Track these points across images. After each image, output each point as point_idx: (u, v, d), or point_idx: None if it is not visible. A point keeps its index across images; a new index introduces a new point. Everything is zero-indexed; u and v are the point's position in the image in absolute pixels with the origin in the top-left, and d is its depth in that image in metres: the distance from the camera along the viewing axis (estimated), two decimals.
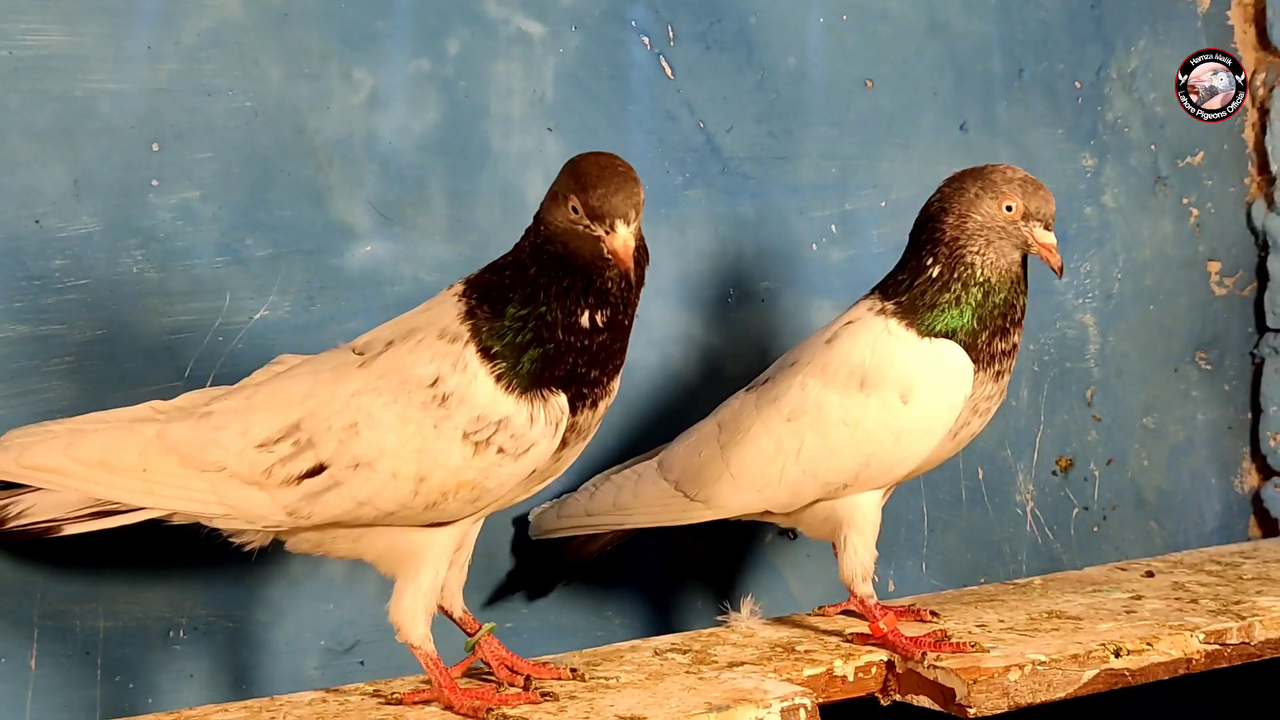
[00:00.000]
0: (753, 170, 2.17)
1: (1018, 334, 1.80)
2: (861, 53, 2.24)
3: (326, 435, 1.50)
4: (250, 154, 1.82)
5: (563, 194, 1.48)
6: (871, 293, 1.85)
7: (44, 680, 1.71)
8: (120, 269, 1.75)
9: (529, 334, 1.48)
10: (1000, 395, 1.82)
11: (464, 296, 1.53)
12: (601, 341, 1.50)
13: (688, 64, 2.11)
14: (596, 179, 1.46)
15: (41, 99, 1.71)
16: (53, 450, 1.52)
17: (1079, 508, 2.46)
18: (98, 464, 1.52)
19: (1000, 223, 1.77)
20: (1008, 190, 1.76)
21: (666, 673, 1.68)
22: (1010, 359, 1.80)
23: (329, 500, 1.50)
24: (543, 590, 2.04)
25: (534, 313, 1.48)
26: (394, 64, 1.91)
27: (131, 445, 1.53)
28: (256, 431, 1.52)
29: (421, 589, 1.54)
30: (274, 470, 1.51)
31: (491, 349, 1.49)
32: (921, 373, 1.74)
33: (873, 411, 1.75)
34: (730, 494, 1.82)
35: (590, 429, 1.56)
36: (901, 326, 1.77)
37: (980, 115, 2.35)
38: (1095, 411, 2.47)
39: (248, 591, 1.84)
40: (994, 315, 1.76)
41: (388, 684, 1.65)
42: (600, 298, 1.48)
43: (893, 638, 1.77)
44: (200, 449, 1.52)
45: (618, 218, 1.45)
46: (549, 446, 1.50)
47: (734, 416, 1.86)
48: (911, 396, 1.74)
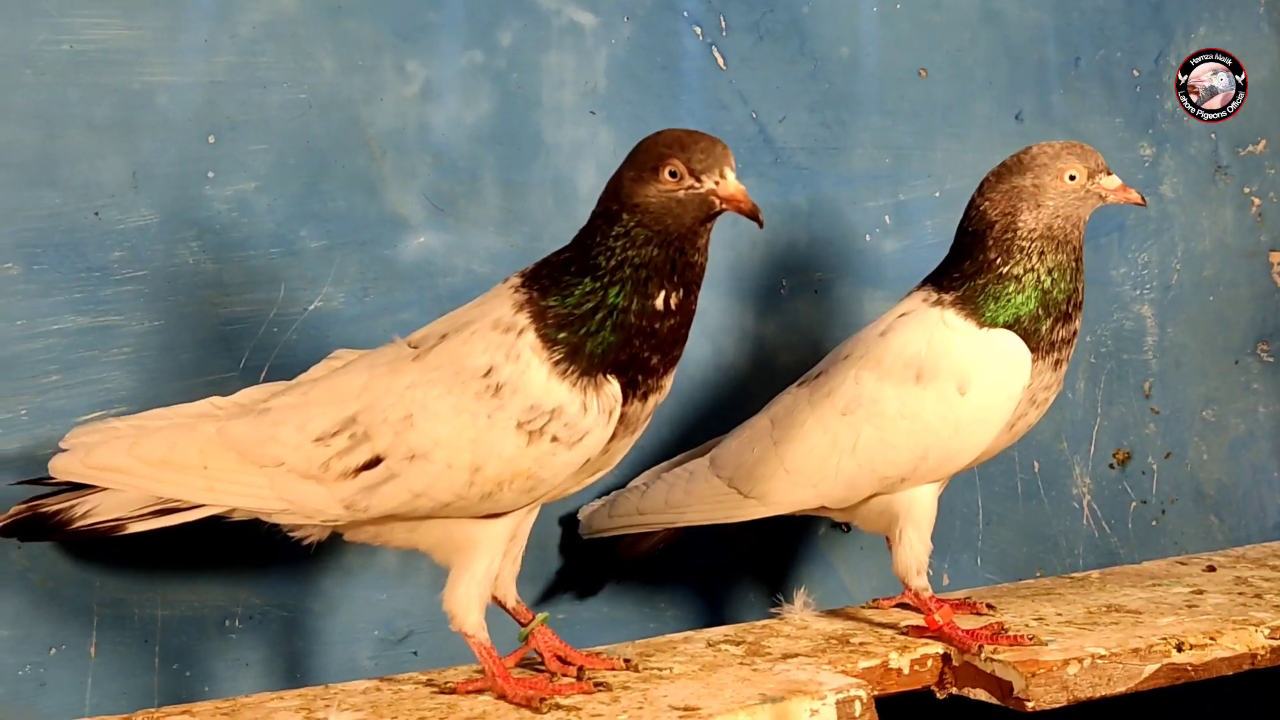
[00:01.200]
0: (806, 160, 2.15)
1: (1078, 319, 1.78)
2: (915, 42, 2.22)
3: (382, 428, 1.50)
4: (305, 146, 1.83)
5: (652, 166, 1.48)
6: (924, 284, 1.84)
7: (103, 668, 1.73)
8: (177, 260, 1.77)
9: (599, 315, 1.48)
10: (1058, 385, 1.80)
11: (521, 288, 1.53)
12: (671, 326, 1.49)
13: (740, 54, 2.10)
14: (690, 139, 1.48)
15: (100, 92, 1.72)
16: (117, 450, 1.54)
17: (1137, 501, 2.43)
18: (160, 462, 1.54)
19: (1073, 195, 1.75)
20: (1062, 163, 1.75)
21: (720, 664, 1.67)
22: (1069, 347, 1.77)
23: (385, 492, 1.51)
24: (593, 589, 2.03)
25: (606, 296, 1.48)
26: (447, 56, 1.91)
27: (193, 443, 1.54)
28: (313, 426, 1.52)
29: (476, 578, 1.54)
30: (331, 464, 1.51)
31: (554, 336, 1.48)
32: (979, 363, 1.73)
33: (930, 403, 1.73)
34: (785, 490, 1.81)
35: (640, 423, 1.56)
36: (959, 317, 1.75)
37: (1035, 104, 2.32)
38: (1153, 404, 2.44)
39: (302, 581, 1.85)
40: (1058, 301, 1.75)
41: (441, 673, 1.65)
42: (682, 276, 1.48)
43: (948, 630, 1.75)
44: (259, 445, 1.53)
45: (725, 166, 1.47)
46: (603, 435, 1.49)
47: (787, 412, 1.84)
48: (969, 387, 1.73)
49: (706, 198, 1.48)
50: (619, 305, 1.48)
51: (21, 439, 1.69)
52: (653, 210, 1.48)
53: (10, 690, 1.68)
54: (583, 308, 1.49)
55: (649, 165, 1.48)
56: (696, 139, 1.48)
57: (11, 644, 1.69)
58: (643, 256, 1.48)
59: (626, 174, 1.50)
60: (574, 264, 1.51)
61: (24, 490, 1.61)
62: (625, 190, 1.50)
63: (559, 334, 1.48)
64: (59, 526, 1.57)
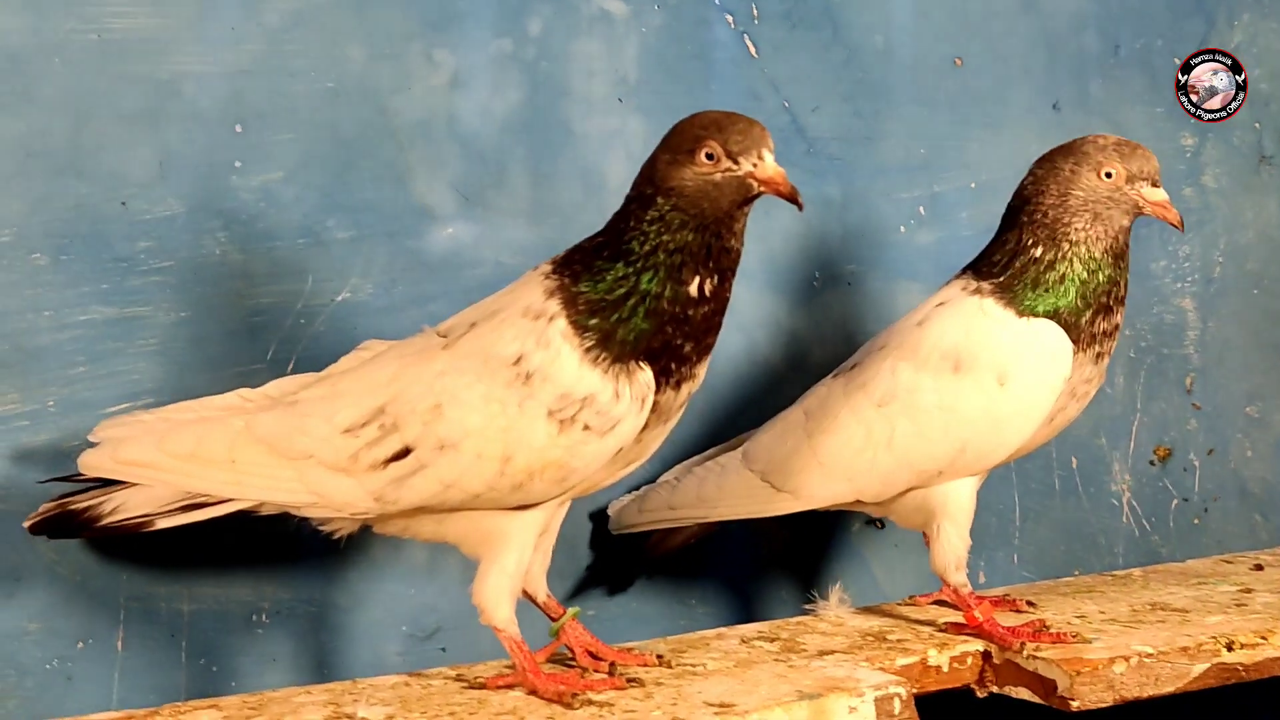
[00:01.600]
0: (839, 151, 2.12)
1: (1120, 313, 1.74)
2: (950, 30, 2.19)
3: (411, 417, 1.48)
4: (332, 135, 1.81)
5: (688, 148, 1.46)
6: (963, 273, 1.80)
7: (130, 662, 1.71)
8: (204, 251, 1.75)
9: (631, 301, 1.45)
10: (1099, 378, 1.76)
11: (552, 275, 1.50)
12: (705, 313, 1.47)
13: (772, 42, 2.06)
14: (727, 120, 1.46)
15: (128, 81, 1.71)
16: (145, 445, 1.53)
17: (1178, 499, 2.38)
18: (189, 456, 1.52)
19: (1104, 193, 1.71)
20: (1103, 158, 1.71)
21: (755, 660, 1.64)
22: (1111, 340, 1.74)
23: (415, 484, 1.48)
24: (623, 585, 2.01)
25: (639, 282, 1.45)
26: (475, 44, 1.89)
27: (221, 437, 1.53)
28: (342, 417, 1.50)
29: (506, 571, 1.51)
30: (360, 455, 1.49)
31: (585, 322, 1.46)
32: (1019, 354, 1.69)
33: (968, 395, 1.69)
34: (819, 484, 1.78)
35: (673, 412, 1.53)
36: (998, 306, 1.72)
37: (1074, 93, 2.28)
38: (1195, 399, 2.39)
39: (330, 576, 1.83)
40: (1098, 293, 1.71)
41: (470, 668, 1.63)
42: (718, 261, 1.46)
43: (989, 627, 1.72)
44: (287, 437, 1.51)
45: (763, 148, 1.45)
46: (635, 423, 1.46)
47: (821, 404, 1.81)
48: (1009, 379, 1.69)
49: (744, 180, 1.45)
50: (652, 291, 1.45)
51: (49, 431, 1.68)
52: (688, 194, 1.45)
53: (38, 683, 1.67)
54: (615, 293, 1.46)
55: (685, 147, 1.46)
56: (734, 120, 1.46)
57: (39, 637, 1.67)
58: (678, 241, 1.45)
59: (661, 157, 1.48)
60: (606, 249, 1.48)
61: (49, 485, 1.60)
62: (660, 173, 1.47)
63: (590, 320, 1.46)
64: (88, 523, 1.56)
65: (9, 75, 1.65)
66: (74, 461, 1.67)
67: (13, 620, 1.66)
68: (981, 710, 1.75)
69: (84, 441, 1.68)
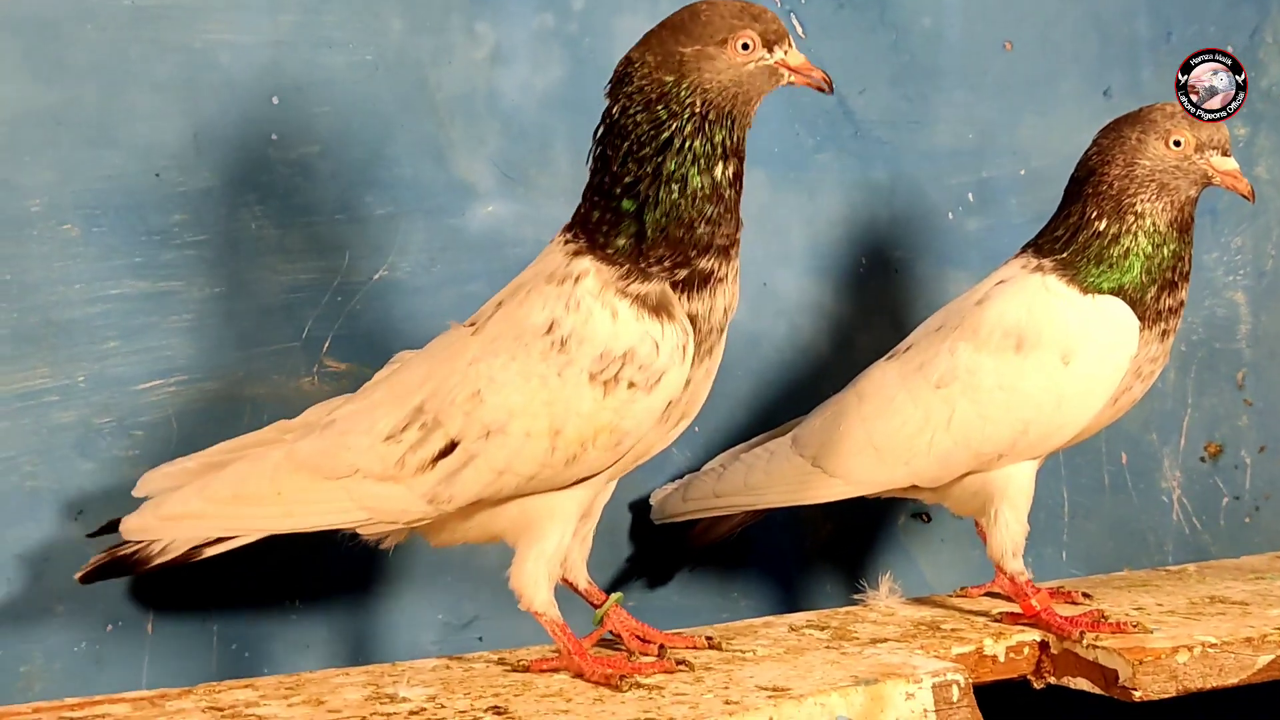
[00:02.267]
0: (886, 134, 2.07)
1: (1184, 289, 1.69)
2: (1000, 13, 2.14)
3: (451, 410, 1.43)
4: (370, 109, 1.77)
5: (722, 39, 1.42)
6: (1023, 251, 1.75)
7: (161, 645, 1.66)
8: (239, 225, 1.71)
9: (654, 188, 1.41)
10: (1164, 357, 1.70)
11: (567, 229, 1.46)
12: (730, 200, 1.42)
13: (820, 22, 2.02)
14: (757, 9, 1.44)
15: (162, 50, 1.67)
16: (187, 496, 1.50)
17: (1229, 497, 2.32)
18: (232, 499, 1.49)
19: (1172, 162, 1.66)
20: (1171, 125, 1.66)
21: (806, 647, 1.58)
22: (1176, 317, 1.68)
23: (467, 477, 1.43)
24: (665, 576, 1.95)
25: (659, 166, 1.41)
26: (517, 18, 1.85)
27: (262, 472, 1.49)
28: (382, 426, 1.46)
29: (545, 554, 1.46)
30: (406, 459, 1.44)
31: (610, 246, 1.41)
32: (1084, 331, 1.63)
33: (1031, 374, 1.64)
34: (874, 468, 1.72)
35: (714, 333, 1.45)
36: (1061, 283, 1.66)
37: (1125, 80, 2.23)
38: (1246, 395, 2.33)
39: (365, 563, 1.77)
40: (1163, 269, 1.66)
41: (513, 652, 1.57)
42: (736, 151, 1.43)
43: (1046, 616, 1.66)
44: (330, 457, 1.47)
45: (787, 38, 1.44)
46: (681, 373, 1.41)
47: (875, 387, 1.75)
48: (1074, 357, 1.63)
49: (776, 69, 1.44)
50: (676, 175, 1.41)
51: (79, 407, 1.64)
52: (724, 86, 1.42)
53: (67, 666, 1.62)
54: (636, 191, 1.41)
55: (716, 38, 1.42)
56: (761, 9, 1.44)
57: (69, 619, 1.63)
58: (708, 133, 1.41)
59: (684, 48, 1.42)
60: (610, 163, 1.43)
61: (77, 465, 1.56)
62: (687, 65, 1.42)
63: (617, 241, 1.41)
64: (138, 565, 1.54)
65: (41, 42, 1.62)
66: (104, 438, 1.64)
67: (41, 601, 1.62)
68: (1037, 701, 1.69)
69: (114, 418, 1.65)
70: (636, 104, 1.43)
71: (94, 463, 1.64)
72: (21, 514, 1.61)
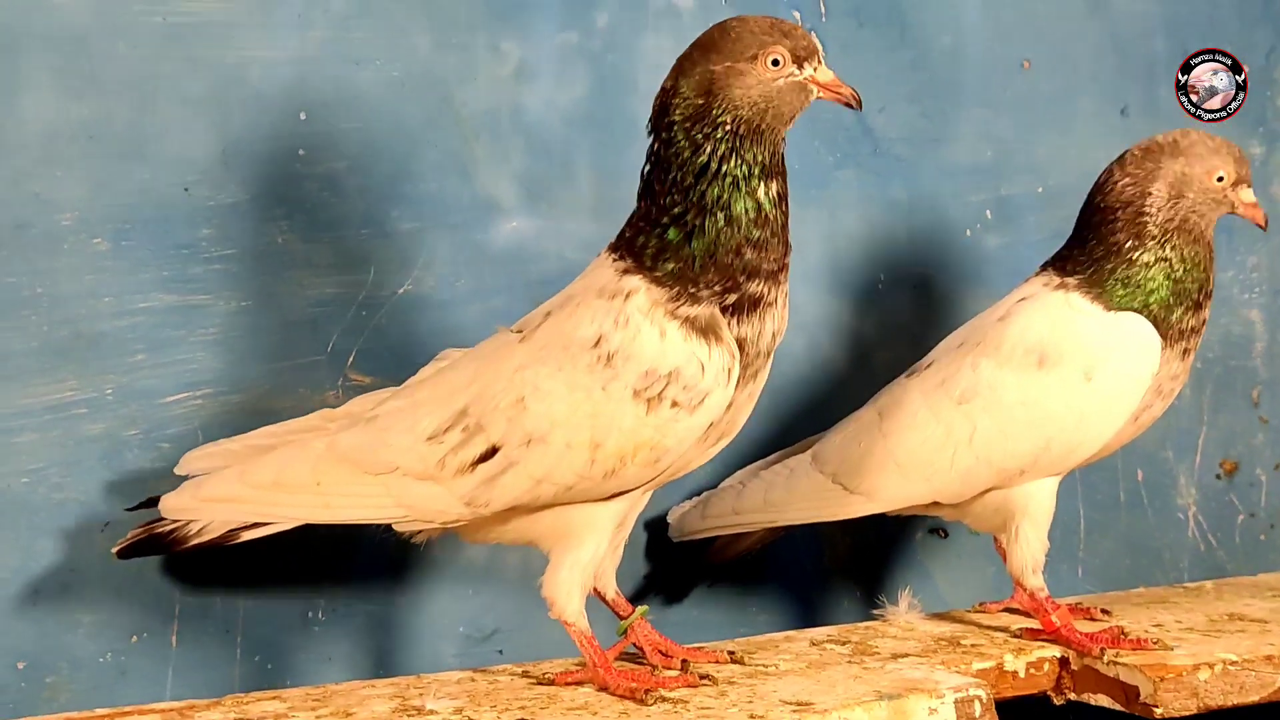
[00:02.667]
0: (905, 152, 2.09)
1: (1207, 309, 1.70)
2: (1019, 32, 2.16)
3: (495, 415, 1.44)
4: (397, 125, 1.79)
5: (751, 54, 1.43)
6: (1045, 269, 1.76)
7: (184, 657, 1.67)
8: (266, 239, 1.72)
9: (699, 218, 1.41)
10: (1184, 376, 1.72)
11: (613, 249, 1.47)
12: (773, 222, 1.42)
13: (840, 40, 2.03)
14: (787, 25, 1.45)
15: (193, 66, 1.69)
16: (228, 479, 1.51)
17: (1244, 514, 2.33)
18: (273, 485, 1.50)
19: (1213, 194, 1.69)
20: (1218, 161, 1.69)
21: (828, 662, 1.59)
22: (1197, 336, 1.70)
23: (505, 483, 1.44)
24: (681, 594, 1.96)
25: (703, 195, 1.41)
26: (542, 36, 1.87)
27: (303, 461, 1.51)
28: (424, 425, 1.47)
29: (580, 564, 1.47)
30: (446, 461, 1.45)
31: (661, 272, 1.42)
32: (1106, 348, 1.65)
33: (1053, 390, 1.65)
34: (895, 485, 1.73)
35: (760, 357, 1.46)
36: (1085, 300, 1.68)
37: (1142, 99, 2.24)
38: (1262, 413, 2.34)
39: (387, 575, 1.79)
40: (1189, 290, 1.67)
41: (537, 665, 1.58)
42: (775, 169, 1.44)
43: (1066, 632, 1.67)
44: (371, 453, 1.48)
45: (816, 54, 1.45)
46: (724, 395, 1.42)
47: (896, 403, 1.76)
48: (1096, 373, 1.64)
49: (805, 85, 1.45)
50: (720, 200, 1.41)
51: (106, 420, 1.65)
52: (755, 102, 1.42)
53: (91, 677, 1.63)
54: (684, 219, 1.42)
55: (747, 54, 1.43)
56: (791, 25, 1.45)
57: (93, 630, 1.64)
58: (744, 151, 1.42)
59: (714, 65, 1.43)
60: (659, 197, 1.44)
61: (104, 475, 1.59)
62: (718, 82, 1.43)
63: (667, 265, 1.42)
64: (175, 544, 1.55)
65: (74, 57, 1.63)
66: (131, 451, 1.66)
67: (67, 612, 1.63)
68: (1058, 717, 1.70)
69: (141, 430, 1.66)
70: (675, 132, 1.44)
71: (121, 475, 1.65)
72: (49, 525, 1.62)
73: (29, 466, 1.61)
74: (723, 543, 1.89)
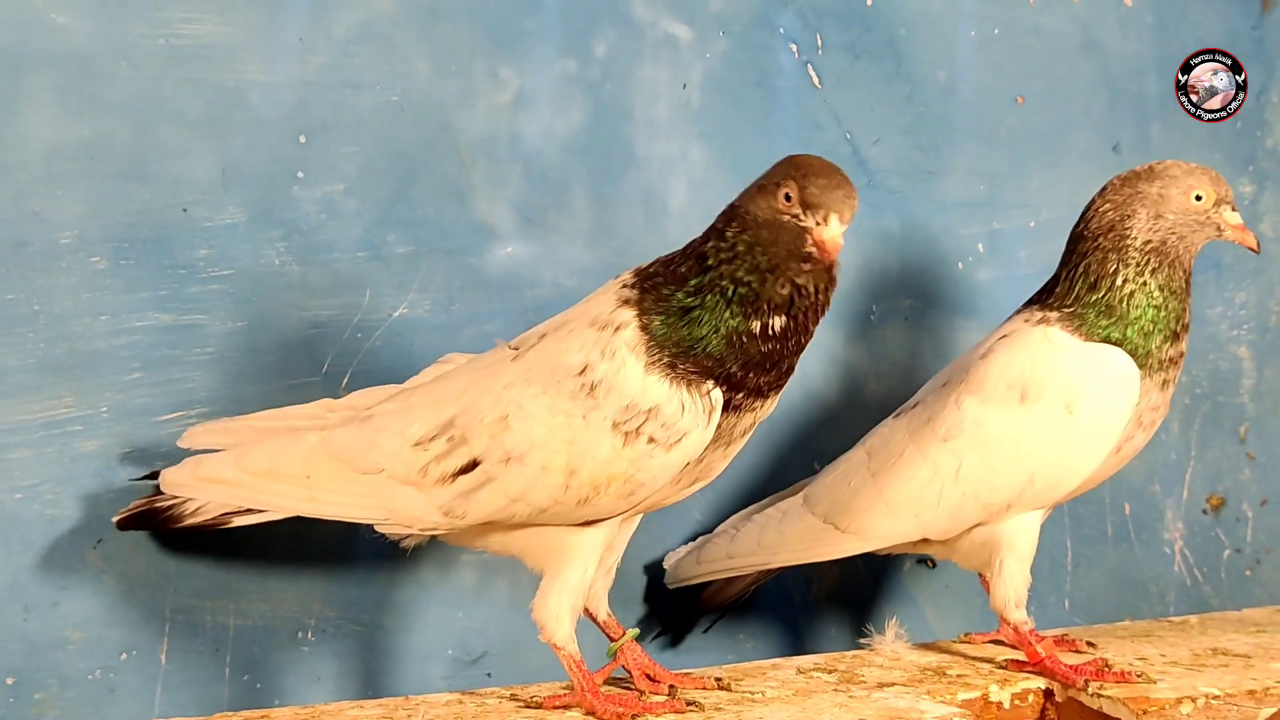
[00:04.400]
0: (899, 184, 2.11)
1: (1185, 341, 1.71)
2: (1012, 68, 2.18)
3: (479, 429, 1.46)
4: (395, 150, 1.80)
5: (775, 183, 1.44)
6: (1025, 307, 1.78)
7: (173, 675, 1.68)
8: (263, 261, 1.74)
9: (694, 326, 1.43)
10: (1165, 407, 1.73)
11: (629, 285, 1.48)
12: (769, 351, 1.44)
13: (836, 73, 2.06)
14: (820, 171, 1.43)
15: (194, 88, 1.70)
16: (224, 462, 1.55)
17: (1231, 549, 2.34)
18: (265, 473, 1.53)
19: (1193, 216, 1.70)
20: (1193, 181, 1.70)
21: (814, 690, 1.60)
22: (1176, 367, 1.71)
23: (482, 497, 1.46)
24: (678, 638, 1.97)
25: (704, 305, 1.43)
26: (540, 64, 1.88)
27: (297, 453, 1.53)
28: (413, 431, 1.49)
29: (568, 587, 1.48)
30: (429, 468, 1.47)
31: (655, 333, 1.44)
32: (1087, 381, 1.66)
33: (1036, 424, 1.66)
34: (884, 523, 1.74)
35: (735, 438, 1.50)
36: (1064, 333, 1.69)
37: (1134, 136, 2.26)
38: (1249, 449, 2.36)
39: (377, 595, 1.79)
40: (1169, 320, 1.69)
41: (525, 688, 1.59)
42: (780, 303, 1.43)
43: (1051, 664, 1.68)
44: (361, 452, 1.50)
45: (833, 211, 1.42)
46: (702, 437, 1.43)
47: (884, 442, 1.78)
48: (1077, 406, 1.66)
49: (802, 233, 1.43)
50: (716, 316, 1.43)
51: (101, 437, 1.66)
52: (762, 227, 1.43)
53: (80, 694, 1.64)
54: (686, 305, 1.44)
55: (773, 180, 1.45)
56: (825, 173, 1.43)
57: (83, 647, 1.64)
58: (740, 268, 1.43)
59: (755, 184, 1.47)
60: (686, 262, 1.46)
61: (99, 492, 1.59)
62: (747, 199, 1.46)
63: (660, 331, 1.44)
64: (170, 521, 1.58)
65: (77, 78, 1.65)
66: (126, 467, 1.66)
67: (57, 629, 1.64)
68: None
69: (135, 448, 1.67)
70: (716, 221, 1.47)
71: (114, 493, 1.65)
72: (41, 541, 1.63)
73: (23, 482, 1.62)
74: (717, 586, 1.91)
